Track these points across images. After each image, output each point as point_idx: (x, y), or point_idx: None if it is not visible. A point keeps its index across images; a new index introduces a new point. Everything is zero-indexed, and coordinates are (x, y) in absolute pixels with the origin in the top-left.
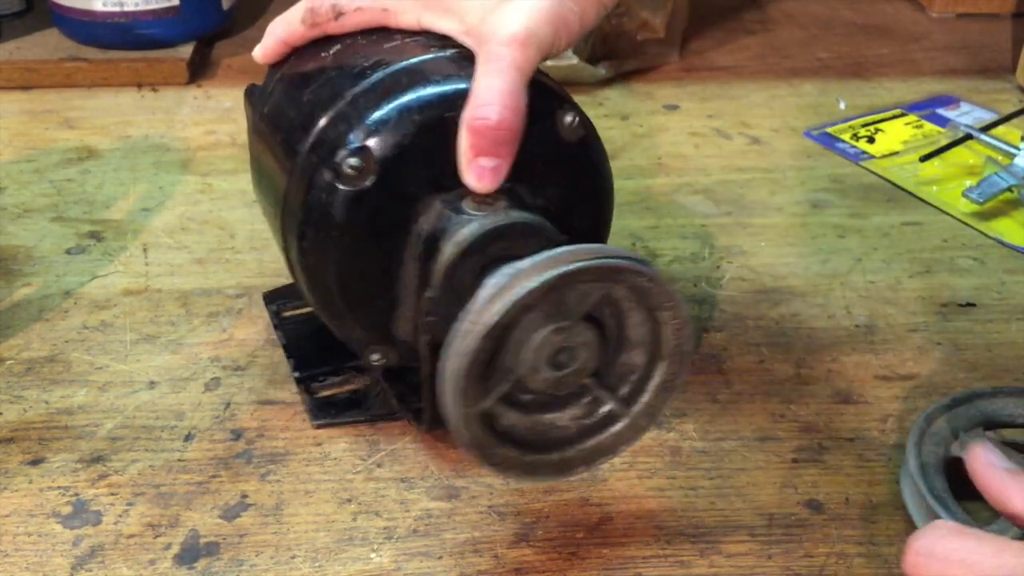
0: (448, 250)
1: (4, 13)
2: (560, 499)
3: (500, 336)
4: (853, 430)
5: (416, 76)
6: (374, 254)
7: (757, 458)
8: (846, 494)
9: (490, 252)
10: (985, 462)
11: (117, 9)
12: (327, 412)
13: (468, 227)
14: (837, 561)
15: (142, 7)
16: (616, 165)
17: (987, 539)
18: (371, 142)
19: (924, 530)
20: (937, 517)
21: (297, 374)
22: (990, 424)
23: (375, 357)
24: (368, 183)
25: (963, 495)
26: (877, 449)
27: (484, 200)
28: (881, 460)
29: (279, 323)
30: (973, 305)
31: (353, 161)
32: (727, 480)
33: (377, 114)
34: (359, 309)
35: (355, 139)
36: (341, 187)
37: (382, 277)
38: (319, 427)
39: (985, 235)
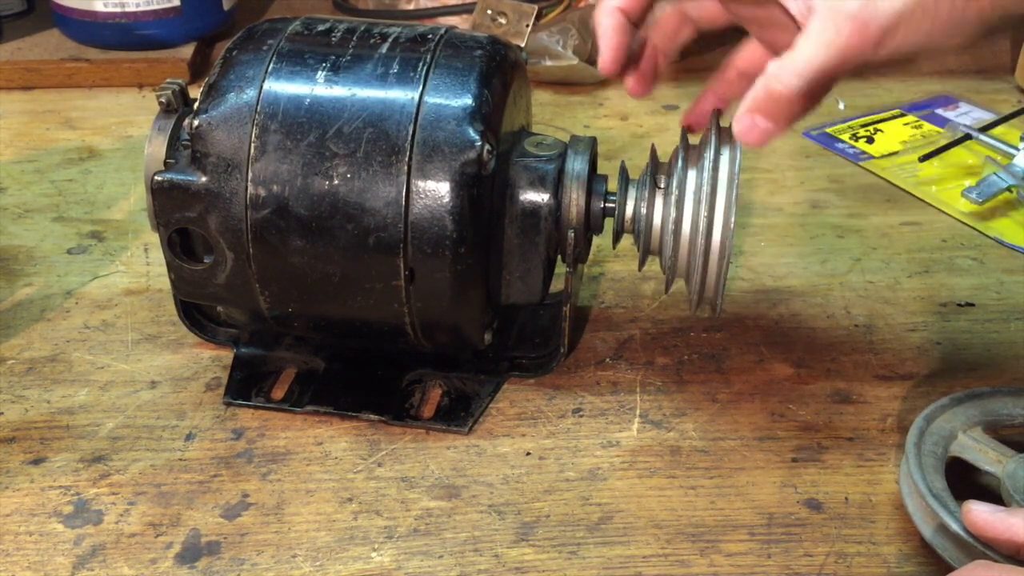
0: (570, 185)
1: (5, 13)
2: (560, 499)
3: None
4: (852, 430)
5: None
6: (495, 231)
7: (757, 458)
8: (845, 493)
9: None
10: (982, 513)
11: (118, 10)
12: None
13: (572, 162)
14: (837, 560)
15: (143, 8)
16: (615, 165)
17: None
18: (486, 125)
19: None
20: (936, 517)
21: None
22: (989, 424)
23: (488, 335)
24: (493, 163)
25: (962, 495)
26: (876, 449)
27: (541, 142)
28: (880, 460)
29: None
30: (972, 305)
31: (489, 147)
32: (727, 480)
33: (470, 100)
34: (487, 291)
35: (474, 131)
36: (485, 175)
37: (495, 251)
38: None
39: (984, 235)
